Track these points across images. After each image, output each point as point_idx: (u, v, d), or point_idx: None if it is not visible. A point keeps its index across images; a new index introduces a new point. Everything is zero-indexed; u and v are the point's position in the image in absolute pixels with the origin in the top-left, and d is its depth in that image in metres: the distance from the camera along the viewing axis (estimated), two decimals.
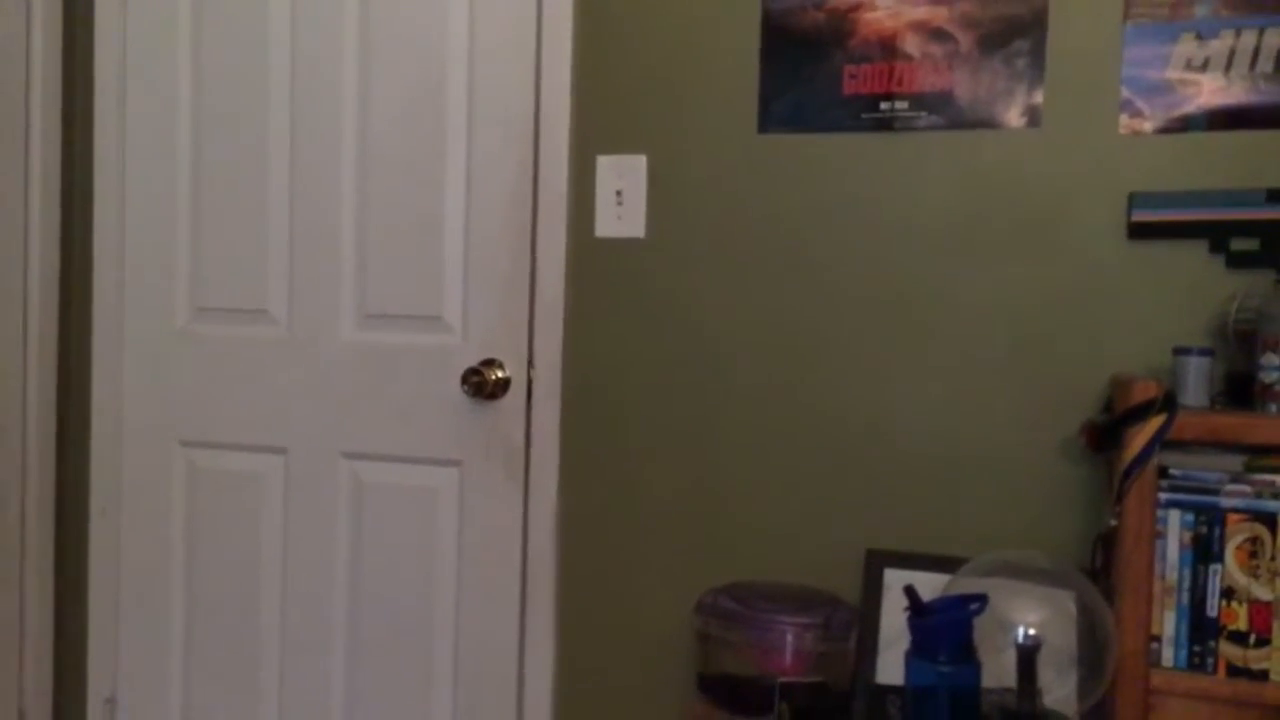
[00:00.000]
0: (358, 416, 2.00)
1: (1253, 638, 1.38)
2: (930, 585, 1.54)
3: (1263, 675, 1.37)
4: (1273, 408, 1.43)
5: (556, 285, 1.88)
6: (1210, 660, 1.39)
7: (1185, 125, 1.59)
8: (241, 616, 2.08)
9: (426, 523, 1.96)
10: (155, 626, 2.14)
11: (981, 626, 1.40)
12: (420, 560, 1.97)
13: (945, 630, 1.36)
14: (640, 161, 1.85)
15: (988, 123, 1.67)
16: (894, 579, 1.66)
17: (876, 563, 1.67)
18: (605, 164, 1.86)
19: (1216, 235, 1.58)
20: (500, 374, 1.90)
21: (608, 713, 1.87)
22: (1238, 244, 1.57)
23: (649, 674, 1.85)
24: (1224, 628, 1.39)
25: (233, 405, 2.08)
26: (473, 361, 1.92)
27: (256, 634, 2.07)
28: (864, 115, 1.73)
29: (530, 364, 1.90)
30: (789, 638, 1.58)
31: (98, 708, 2.18)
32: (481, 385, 1.87)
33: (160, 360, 2.13)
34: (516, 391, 1.90)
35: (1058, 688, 1.45)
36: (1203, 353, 1.49)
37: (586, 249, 1.88)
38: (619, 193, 1.86)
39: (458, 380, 1.93)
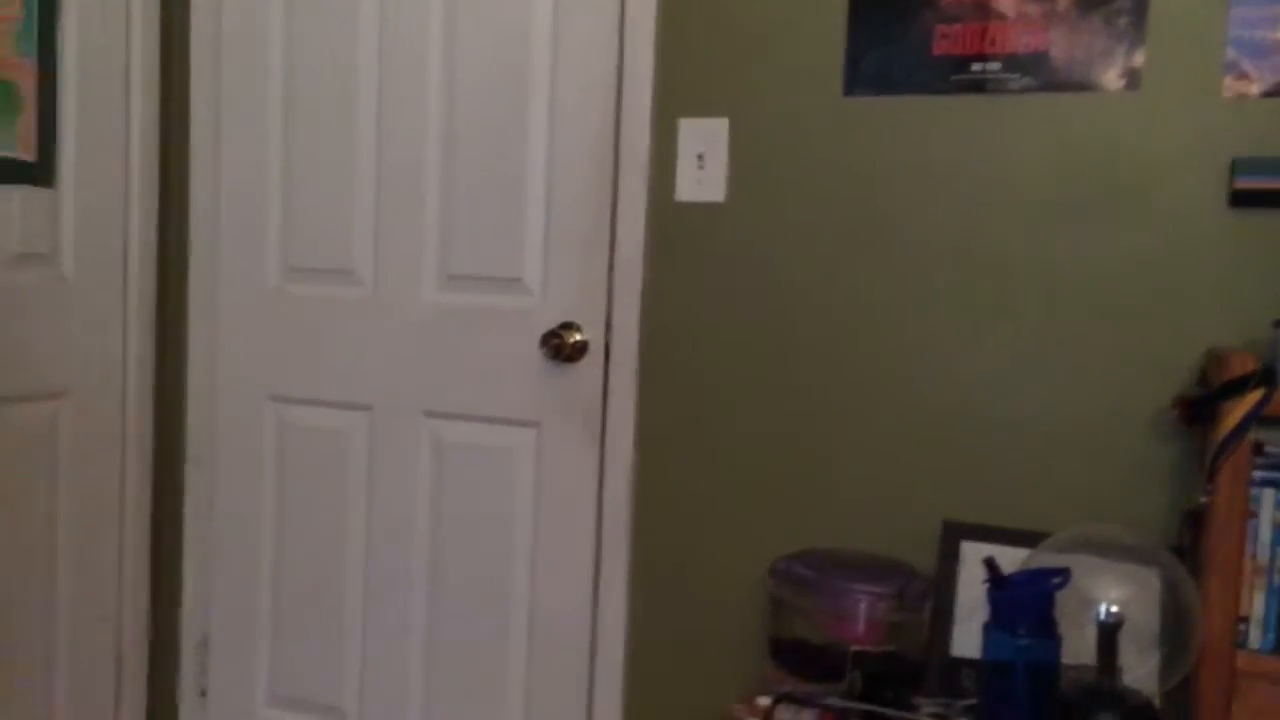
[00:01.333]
0: (439, 376, 2.04)
1: None
2: (1009, 559, 1.51)
3: None
4: None
5: (636, 249, 1.88)
6: None
7: None
8: (327, 566, 2.15)
9: (504, 482, 2.00)
10: (246, 573, 2.22)
11: (1063, 601, 1.37)
12: (498, 518, 2.00)
13: (1026, 603, 1.34)
14: (722, 125, 1.83)
15: (1085, 85, 1.62)
16: (971, 551, 1.63)
17: (954, 534, 1.65)
18: (687, 127, 1.85)
19: None
20: (579, 337, 1.92)
21: (679, 672, 1.89)
22: None
23: (720, 636, 1.86)
24: None
25: (320, 363, 2.14)
26: (552, 324, 1.94)
27: (341, 583, 2.14)
28: (954, 77, 1.69)
29: (608, 327, 1.91)
30: (862, 606, 1.57)
31: (191, 650, 2.28)
32: (560, 348, 1.89)
33: (252, 318, 2.19)
34: (594, 354, 1.92)
35: (1139, 666, 1.42)
36: None
37: (667, 213, 1.87)
38: (700, 156, 1.85)
39: (537, 342, 1.95)
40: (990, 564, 1.37)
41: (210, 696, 2.27)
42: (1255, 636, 1.36)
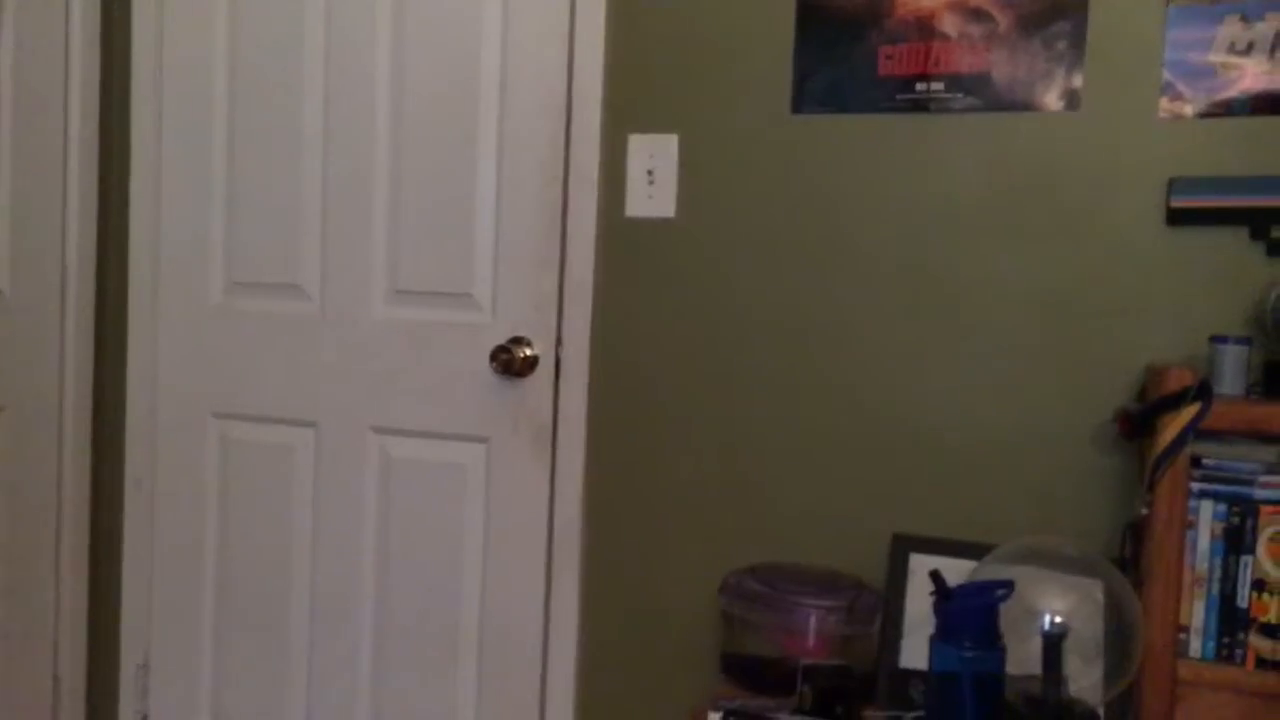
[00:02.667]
0: (387, 392, 2.02)
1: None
2: (957, 571, 1.53)
3: None
4: None
5: (586, 264, 1.88)
6: (1239, 652, 1.38)
7: (1228, 110, 1.56)
8: (272, 585, 2.11)
9: (454, 498, 1.98)
10: (187, 595, 2.18)
11: (1007, 613, 1.39)
12: (448, 535, 1.98)
13: (970, 615, 1.35)
14: (672, 141, 1.84)
15: (1026, 105, 1.65)
16: (920, 564, 1.65)
17: (902, 547, 1.67)
18: (637, 143, 1.86)
19: (1257, 222, 1.55)
20: (529, 352, 1.91)
21: (631, 687, 1.89)
22: (1279, 231, 1.54)
23: (673, 652, 1.86)
24: (1254, 620, 1.37)
25: (265, 379, 2.10)
26: (502, 339, 1.93)
27: (286, 604, 2.10)
28: (899, 96, 1.71)
29: (559, 343, 1.90)
30: (813, 620, 1.58)
31: (130, 674, 2.22)
32: (510, 363, 1.88)
33: (194, 334, 2.15)
34: (545, 370, 1.91)
35: (1083, 676, 1.44)
36: (1240, 341, 1.46)
37: (617, 229, 1.87)
38: (650, 172, 1.85)
39: (486, 357, 1.94)
40: (936, 577, 1.38)
41: None
42: (1195, 645, 1.39)
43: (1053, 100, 1.64)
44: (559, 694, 1.91)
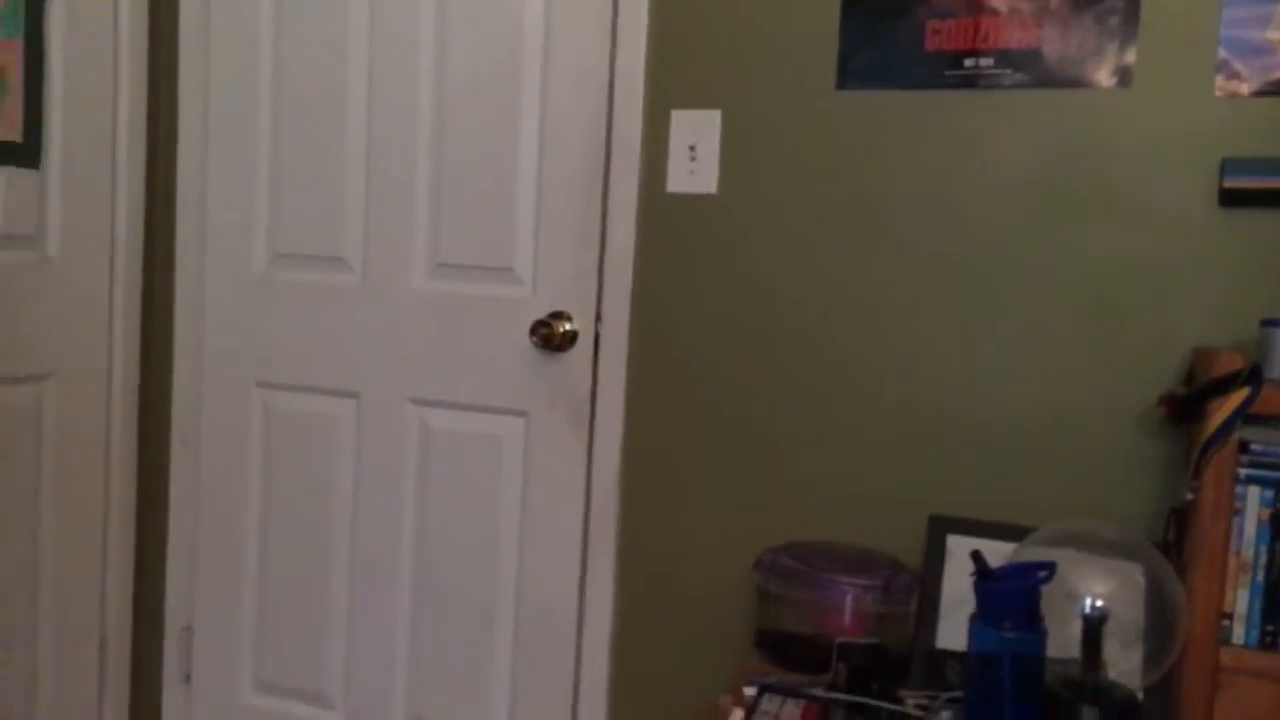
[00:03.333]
0: (427, 364, 2.03)
1: None
2: (995, 553, 1.52)
3: None
4: None
5: (626, 240, 1.88)
6: None
7: None
8: (313, 552, 2.14)
9: (492, 470, 1.99)
10: (231, 559, 2.21)
11: (1048, 595, 1.38)
12: (485, 506, 2.00)
13: (1012, 597, 1.34)
14: (715, 117, 1.83)
15: (1076, 82, 1.62)
16: (957, 545, 1.64)
17: (940, 527, 1.66)
18: (679, 119, 1.85)
19: None
20: (568, 326, 1.91)
21: (664, 661, 1.90)
22: None
23: (706, 627, 1.87)
24: None
25: (307, 349, 2.13)
26: (541, 314, 1.94)
27: (327, 569, 2.13)
28: (947, 72, 1.69)
29: (598, 318, 1.90)
30: (849, 598, 1.58)
31: (175, 635, 2.27)
32: (549, 337, 1.89)
33: (239, 303, 2.18)
34: (584, 345, 1.91)
35: (1123, 661, 1.43)
36: None
37: (658, 204, 1.87)
38: (692, 148, 1.84)
39: (526, 332, 1.95)
40: (977, 557, 1.38)
41: (194, 682, 2.26)
42: (1239, 632, 1.37)
43: (1104, 77, 1.61)
44: (593, 665, 1.93)
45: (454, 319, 2.01)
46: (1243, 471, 1.37)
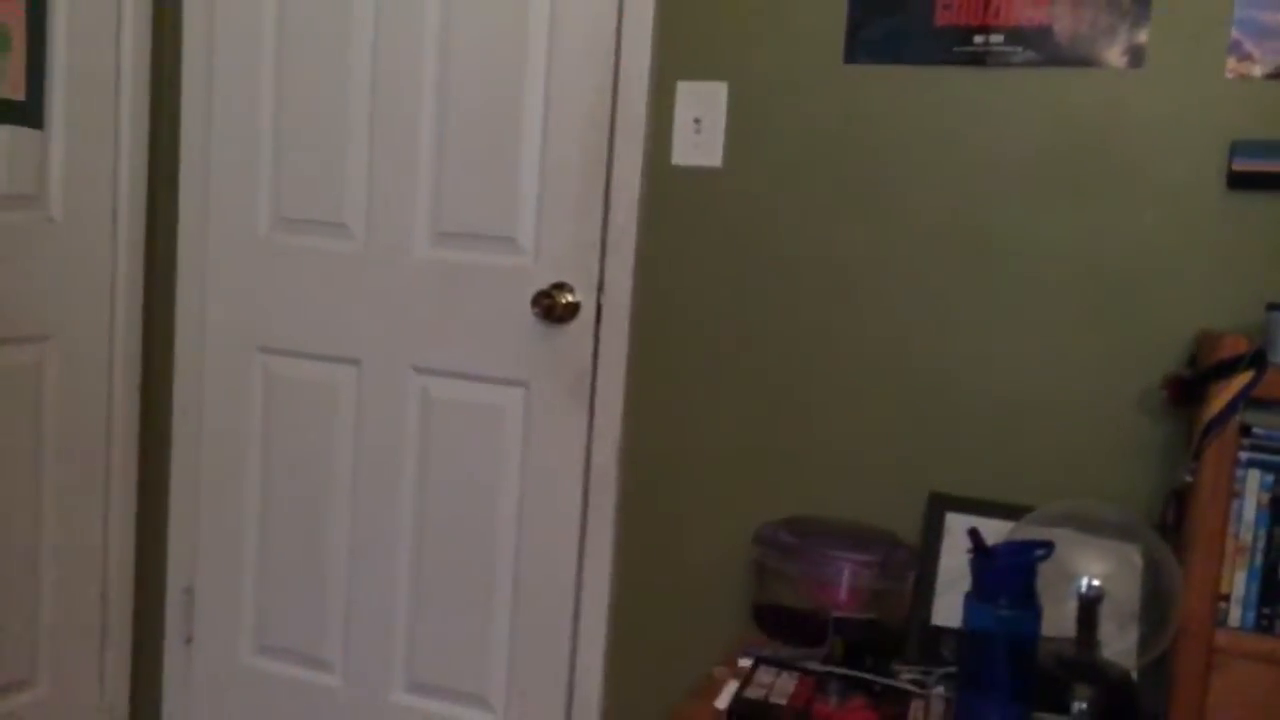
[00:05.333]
0: (429, 332, 2.03)
1: None
2: (993, 531, 1.52)
3: None
4: None
5: (630, 212, 1.87)
6: (1279, 624, 1.37)
7: None
8: (313, 518, 2.15)
9: (492, 440, 2.00)
10: (232, 522, 2.22)
11: (1045, 574, 1.39)
12: (485, 476, 2.01)
13: (1008, 574, 1.35)
14: (720, 89, 1.82)
15: (1087, 61, 1.61)
16: (955, 523, 1.65)
17: (939, 505, 1.67)
18: (685, 90, 1.84)
19: None
20: (570, 298, 1.91)
21: (661, 633, 1.91)
22: None
23: (703, 599, 1.88)
24: None
25: (309, 315, 2.12)
26: (544, 284, 1.93)
27: (327, 535, 2.14)
28: (956, 48, 1.68)
29: (600, 289, 1.90)
30: (846, 573, 1.59)
31: (176, 597, 2.28)
32: (551, 308, 1.88)
33: (241, 267, 2.17)
34: (585, 316, 1.91)
35: (1118, 641, 1.44)
36: None
37: (662, 176, 1.86)
38: (697, 120, 1.83)
39: (528, 302, 1.94)
40: (974, 535, 1.38)
41: (195, 643, 2.28)
42: (1235, 615, 1.38)
43: (1115, 56, 1.60)
44: (590, 634, 1.94)
45: (456, 288, 2.00)
46: (1243, 455, 1.37)
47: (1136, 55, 1.59)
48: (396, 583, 2.09)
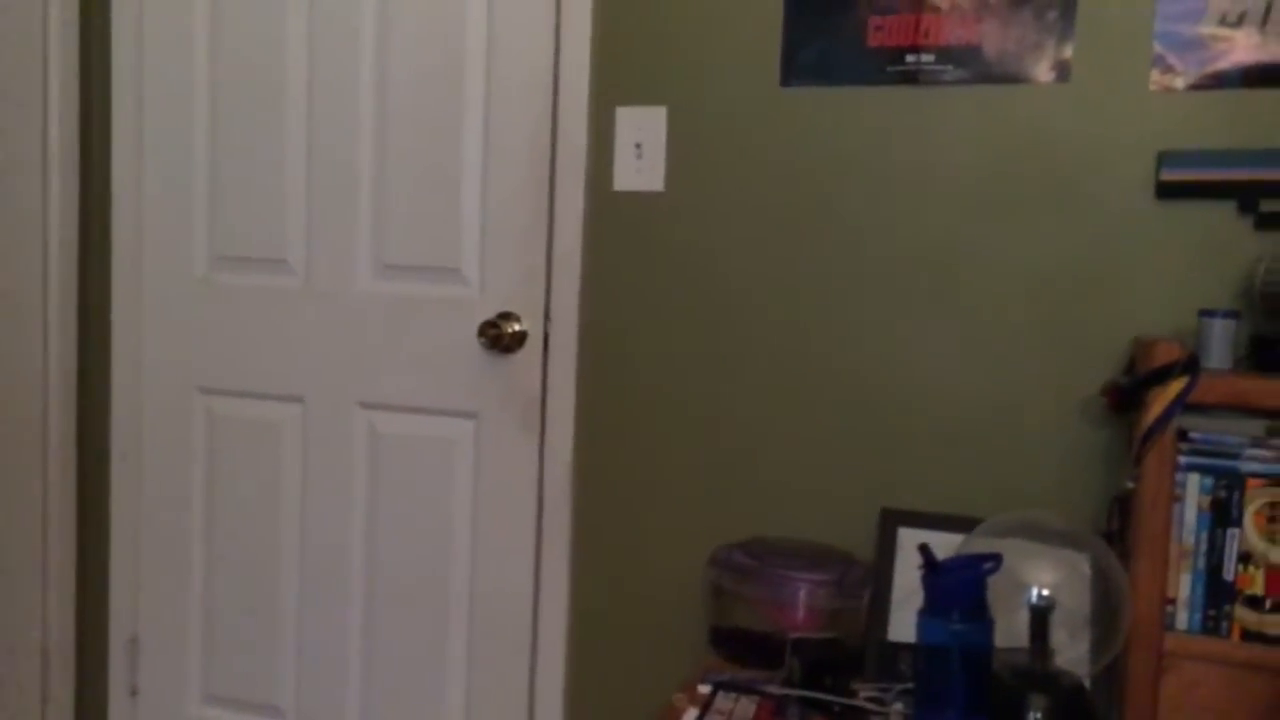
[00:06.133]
0: (374, 367, 2.00)
1: (1268, 602, 1.37)
2: (945, 545, 1.54)
3: (1277, 640, 1.37)
4: None
5: (574, 238, 1.87)
6: (1225, 624, 1.39)
7: (1218, 82, 1.55)
8: (260, 561, 2.11)
9: (442, 473, 1.97)
10: (176, 569, 2.17)
11: (995, 586, 1.40)
12: (436, 510, 1.98)
13: (959, 589, 1.36)
14: (660, 113, 1.82)
15: (1016, 77, 1.64)
16: (908, 538, 1.66)
17: (891, 521, 1.67)
18: (625, 116, 1.84)
19: (1246, 195, 1.55)
20: (517, 327, 1.90)
21: (620, 661, 1.89)
22: (1267, 205, 1.54)
23: (662, 625, 1.87)
24: (1240, 592, 1.38)
25: (251, 354, 2.09)
26: (489, 314, 1.92)
27: (275, 579, 2.10)
28: (889, 68, 1.70)
29: (547, 317, 1.89)
30: (802, 594, 1.59)
31: (120, 648, 2.22)
32: (498, 338, 1.87)
33: (179, 308, 2.13)
34: (533, 344, 1.90)
35: (1070, 649, 1.45)
36: (1228, 315, 1.46)
37: (605, 202, 1.86)
38: (638, 145, 1.84)
39: (474, 332, 1.93)
40: (924, 550, 1.39)
41: (142, 695, 2.21)
42: (1182, 618, 1.40)
43: (1043, 72, 1.63)
44: (548, 665, 1.92)
45: (401, 321, 1.98)
46: (1182, 459, 1.39)
47: (1063, 70, 1.62)
48: (349, 624, 2.05)
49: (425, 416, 1.98)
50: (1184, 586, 1.40)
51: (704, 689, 1.54)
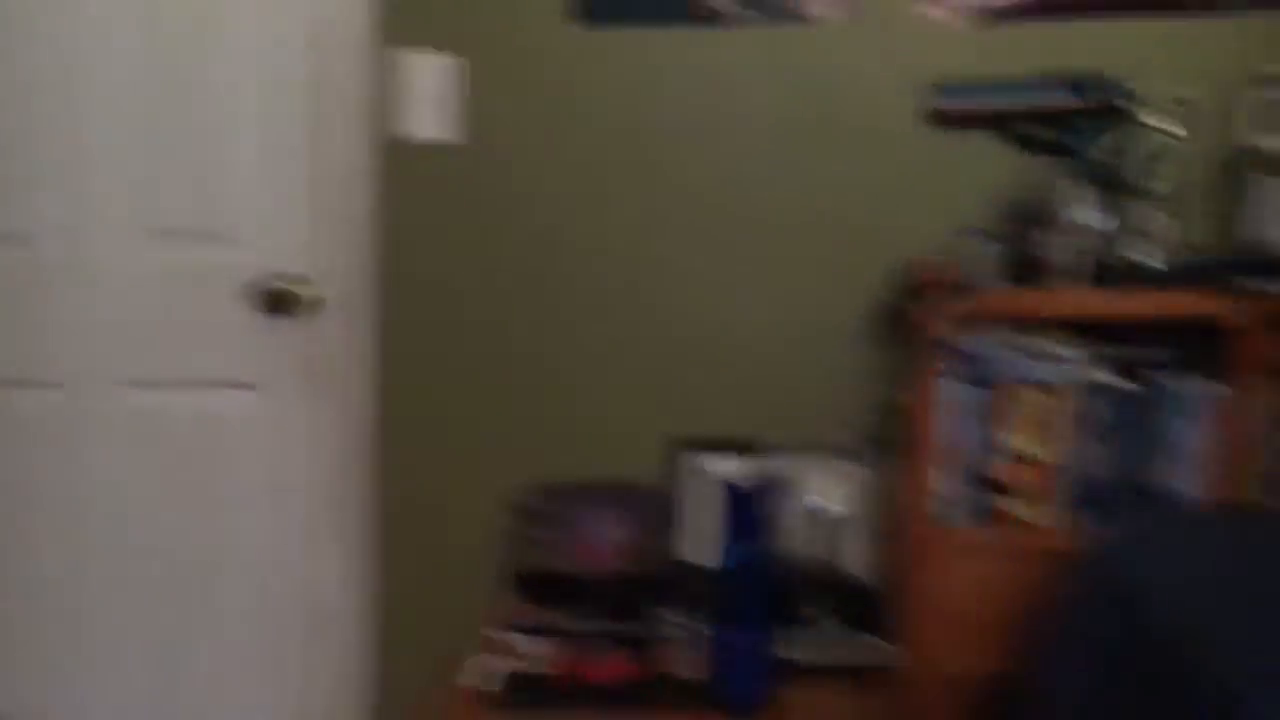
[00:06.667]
0: (141, 343, 1.87)
1: (1028, 494, 1.48)
2: (738, 469, 1.58)
3: (1034, 526, 1.48)
4: (1052, 284, 1.52)
5: (361, 193, 1.80)
6: (989, 517, 1.49)
7: (991, 15, 1.64)
8: (26, 568, 1.91)
9: (224, 448, 1.87)
10: None
11: (785, 504, 1.44)
12: (220, 487, 1.87)
13: (752, 509, 1.40)
14: (454, 62, 1.78)
15: (801, 16, 1.69)
16: (699, 464, 1.68)
17: (684, 449, 1.70)
18: (415, 63, 1.78)
19: (1010, 123, 1.64)
20: (298, 289, 1.81)
21: (431, 617, 1.85)
22: (1034, 131, 1.63)
23: (471, 576, 1.83)
24: (1005, 488, 1.48)
25: None
26: (267, 277, 1.83)
27: (43, 584, 1.91)
28: (690, 11, 1.71)
29: (335, 277, 1.81)
30: (602, 532, 1.59)
31: None
32: (278, 302, 1.78)
33: None
34: (317, 306, 1.82)
35: (856, 553, 1.52)
36: (991, 235, 1.56)
37: (399, 154, 1.80)
38: (431, 94, 1.79)
39: (251, 299, 1.83)
40: (720, 478, 1.42)
41: None
42: (952, 513, 1.49)
43: (827, 10, 1.69)
44: (359, 633, 1.85)
45: (167, 291, 1.85)
46: (951, 370, 1.48)
47: (845, 7, 1.68)
48: (133, 624, 1.90)
49: (202, 390, 1.86)
50: (952, 485, 1.49)
51: (507, 635, 1.52)
